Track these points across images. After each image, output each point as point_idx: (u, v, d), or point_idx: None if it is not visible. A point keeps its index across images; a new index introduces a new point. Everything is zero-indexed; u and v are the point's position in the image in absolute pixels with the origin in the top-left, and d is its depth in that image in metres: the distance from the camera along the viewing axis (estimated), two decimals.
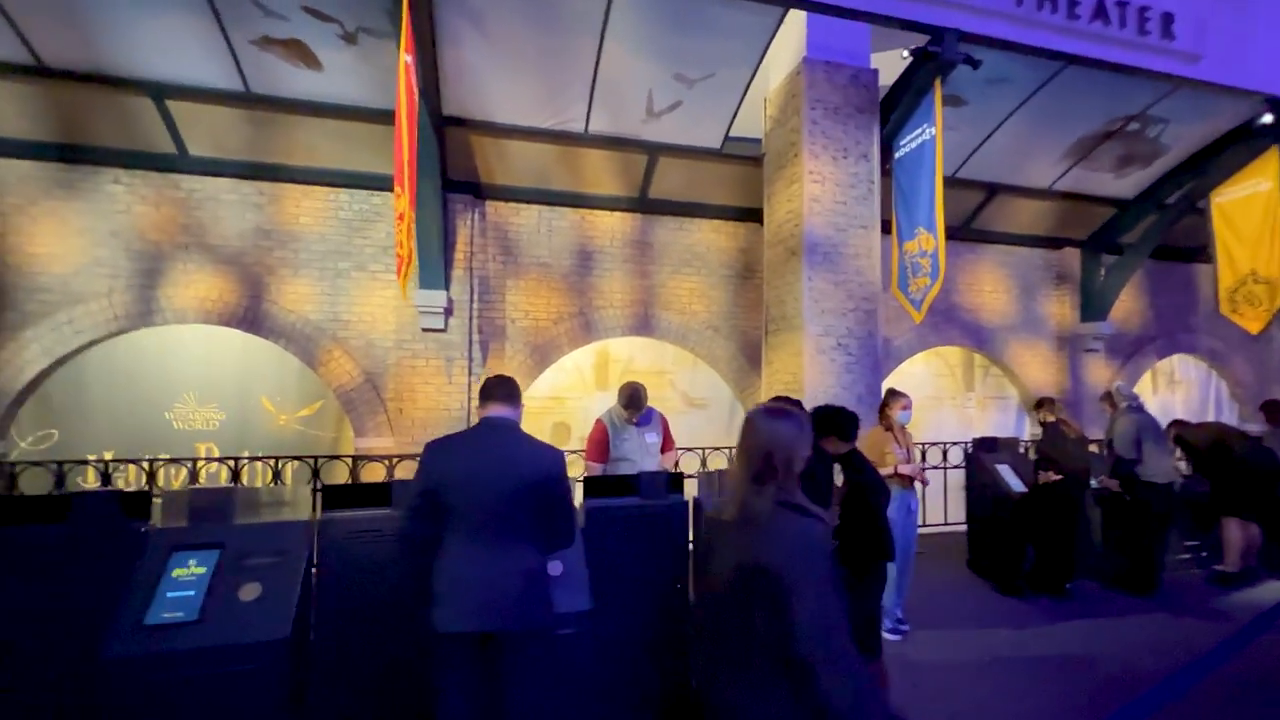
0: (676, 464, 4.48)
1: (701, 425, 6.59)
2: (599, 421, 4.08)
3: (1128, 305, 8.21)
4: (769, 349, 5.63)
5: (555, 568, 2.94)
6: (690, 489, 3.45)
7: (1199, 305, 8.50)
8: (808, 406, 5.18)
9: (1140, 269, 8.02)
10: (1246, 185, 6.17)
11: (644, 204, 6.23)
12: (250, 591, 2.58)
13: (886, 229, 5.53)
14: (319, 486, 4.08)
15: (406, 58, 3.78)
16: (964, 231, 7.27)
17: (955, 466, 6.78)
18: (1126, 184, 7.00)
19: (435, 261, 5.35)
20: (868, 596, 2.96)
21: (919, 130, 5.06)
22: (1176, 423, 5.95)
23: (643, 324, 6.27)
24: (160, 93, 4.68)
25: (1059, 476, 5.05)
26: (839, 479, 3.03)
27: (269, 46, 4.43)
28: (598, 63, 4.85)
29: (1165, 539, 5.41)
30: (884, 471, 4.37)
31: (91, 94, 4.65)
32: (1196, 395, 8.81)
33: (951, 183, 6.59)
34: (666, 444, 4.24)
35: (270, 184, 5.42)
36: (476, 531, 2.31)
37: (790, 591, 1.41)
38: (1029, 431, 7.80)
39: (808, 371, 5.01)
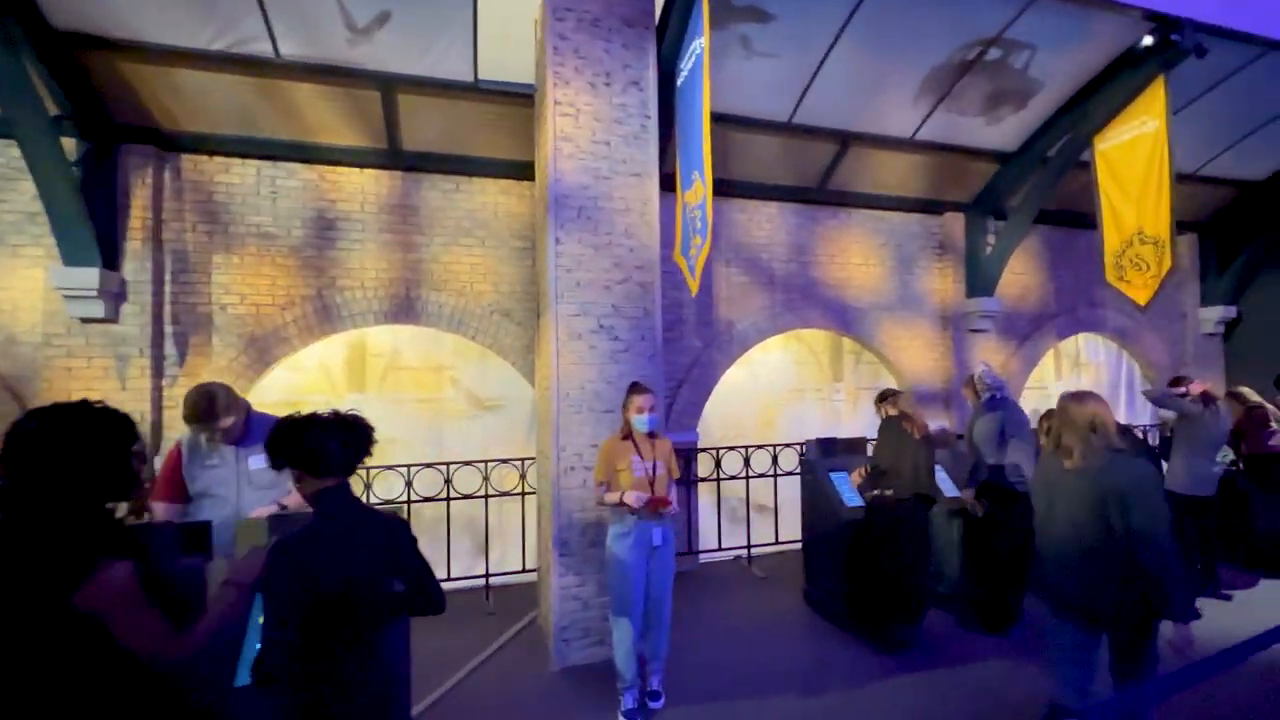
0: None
1: (496, 432, 5.39)
2: (175, 444, 2.84)
3: (1025, 279, 7.21)
4: (538, 335, 4.46)
5: None
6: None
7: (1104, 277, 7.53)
8: (555, 406, 4.04)
9: (1031, 236, 7.03)
10: (1131, 126, 5.14)
11: (399, 158, 4.98)
12: None
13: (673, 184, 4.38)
14: None
15: None
16: (820, 192, 6.15)
17: (789, 473, 5.72)
18: (1004, 133, 5.94)
19: (79, 231, 4.05)
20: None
21: (693, 46, 3.89)
22: (1050, 414, 4.90)
23: (405, 309, 5.04)
24: None
25: (888, 492, 3.96)
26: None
27: None
28: None
29: (1024, 560, 4.35)
30: (610, 499, 3.23)
31: None
32: (1106, 379, 7.87)
33: (791, 130, 5.48)
34: None
35: None
36: None
37: (1134, 502, 2.13)
38: None
39: (557, 362, 3.83)
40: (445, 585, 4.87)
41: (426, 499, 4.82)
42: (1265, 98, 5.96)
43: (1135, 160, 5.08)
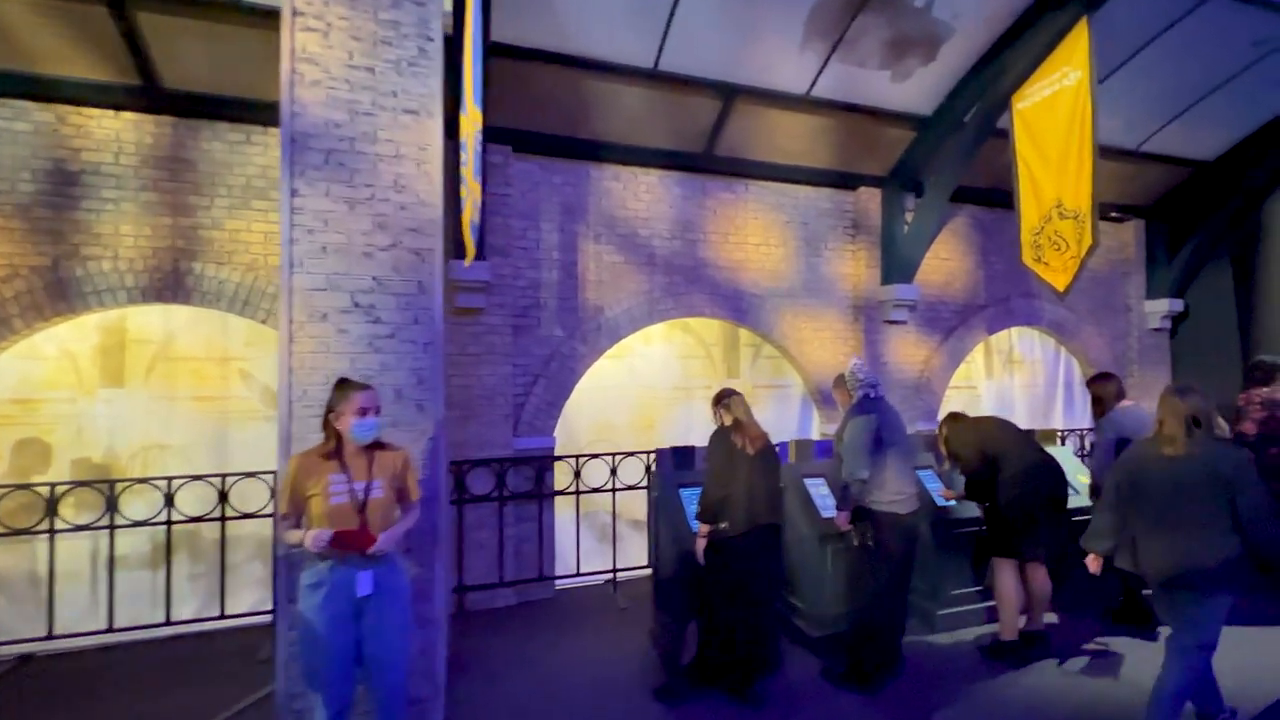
0: None
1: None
2: None
3: (950, 265, 6.45)
4: None
5: None
6: None
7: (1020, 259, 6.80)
8: (287, 407, 3.10)
9: (959, 218, 6.29)
10: (1051, 80, 4.37)
11: (163, 99, 4.05)
12: None
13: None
14: None
15: None
16: (708, 159, 5.31)
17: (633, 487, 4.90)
18: (918, 92, 5.15)
19: None
20: None
21: None
22: (950, 418, 4.12)
23: (172, 285, 4.11)
24: None
25: (722, 525, 3.15)
26: None
27: None
28: None
29: (904, 598, 3.57)
30: (291, 539, 2.37)
31: None
32: (1043, 378, 7.16)
33: (659, 79, 4.63)
34: None
35: None
36: None
37: (1240, 485, 2.39)
38: (818, 430, 5.98)
39: (290, 349, 2.94)
40: (220, 625, 4.07)
41: (193, 519, 3.91)
42: (1208, 60, 5.24)
43: (1056, 120, 4.32)
